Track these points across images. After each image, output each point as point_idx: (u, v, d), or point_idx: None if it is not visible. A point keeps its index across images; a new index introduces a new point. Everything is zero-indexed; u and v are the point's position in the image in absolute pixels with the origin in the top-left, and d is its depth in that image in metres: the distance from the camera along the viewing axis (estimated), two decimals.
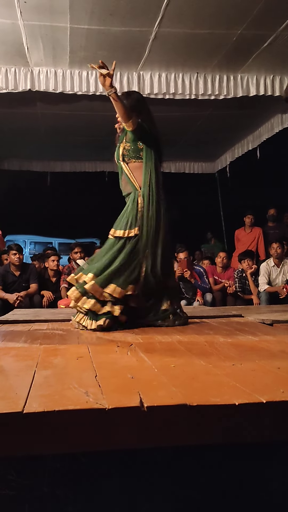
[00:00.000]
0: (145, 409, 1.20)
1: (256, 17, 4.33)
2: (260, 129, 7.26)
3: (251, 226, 7.18)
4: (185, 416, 1.22)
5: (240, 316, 3.58)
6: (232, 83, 5.45)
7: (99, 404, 1.21)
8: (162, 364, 1.76)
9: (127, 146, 3.07)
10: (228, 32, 4.63)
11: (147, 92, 5.31)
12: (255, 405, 1.24)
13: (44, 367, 1.72)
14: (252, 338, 2.48)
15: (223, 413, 1.24)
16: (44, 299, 5.38)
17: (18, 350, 2.19)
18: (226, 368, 1.69)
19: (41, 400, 1.25)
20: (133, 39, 4.70)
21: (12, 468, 1.21)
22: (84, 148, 7.51)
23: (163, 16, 4.28)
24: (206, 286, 5.58)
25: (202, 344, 2.26)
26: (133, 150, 3.06)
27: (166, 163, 9.13)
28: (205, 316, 3.57)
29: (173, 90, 5.35)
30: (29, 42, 4.69)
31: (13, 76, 5.12)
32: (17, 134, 7.09)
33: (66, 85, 5.20)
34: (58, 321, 3.43)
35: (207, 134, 7.44)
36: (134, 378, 1.53)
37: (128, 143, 3.07)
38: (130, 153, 3.07)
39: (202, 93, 5.41)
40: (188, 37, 4.70)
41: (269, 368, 1.68)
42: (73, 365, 1.81)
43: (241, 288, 5.73)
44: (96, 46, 4.78)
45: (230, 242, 8.82)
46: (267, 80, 5.47)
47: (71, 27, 4.44)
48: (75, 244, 6.24)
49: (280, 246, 5.59)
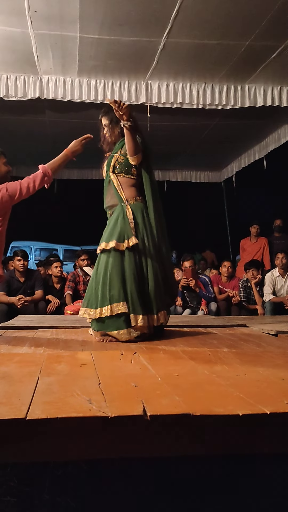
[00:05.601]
0: (148, 418, 1.19)
1: (265, 28, 4.36)
2: (267, 139, 7.27)
3: (256, 236, 7.17)
4: (188, 425, 1.22)
5: (244, 326, 3.57)
6: (239, 94, 5.47)
7: (102, 412, 1.20)
8: (165, 373, 1.76)
9: (120, 159, 2.98)
10: (236, 43, 4.66)
11: (155, 101, 5.35)
12: (259, 416, 1.23)
13: (47, 374, 1.72)
14: (256, 348, 2.47)
15: (226, 423, 1.23)
16: (50, 305, 5.38)
17: (22, 356, 2.19)
18: (230, 378, 1.68)
19: (44, 407, 1.25)
20: (142, 49, 4.74)
21: (14, 475, 1.21)
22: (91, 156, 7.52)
23: (172, 26, 4.32)
24: (210, 295, 5.56)
25: (206, 354, 2.25)
26: (126, 164, 2.96)
27: (173, 171, 9.19)
28: (209, 325, 3.56)
29: (181, 99, 5.37)
30: (39, 50, 4.74)
31: (22, 84, 5.17)
32: (26, 141, 7.15)
33: (75, 93, 5.24)
34: (62, 328, 3.43)
35: (214, 144, 7.47)
36: (137, 386, 1.52)
37: (123, 157, 2.98)
38: (122, 167, 2.97)
39: (209, 103, 5.43)
40: (196, 48, 4.73)
41: (273, 379, 1.67)
42: (77, 372, 1.81)
43: (245, 298, 5.71)
44: (105, 55, 4.83)
45: (235, 251, 8.82)
46: (274, 90, 5.49)
47: (80, 36, 4.49)
48: (81, 251, 6.22)
49: (285, 256, 5.58)
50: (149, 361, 2.03)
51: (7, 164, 2.89)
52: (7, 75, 5.15)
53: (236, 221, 9.44)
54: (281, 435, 1.25)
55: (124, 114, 2.76)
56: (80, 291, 5.61)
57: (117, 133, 3.05)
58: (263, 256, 7.01)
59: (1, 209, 2.75)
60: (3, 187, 2.74)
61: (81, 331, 3.21)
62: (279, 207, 8.83)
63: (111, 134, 3.09)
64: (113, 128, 3.06)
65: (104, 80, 5.28)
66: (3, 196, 2.71)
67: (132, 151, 2.87)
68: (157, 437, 1.21)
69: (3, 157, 2.90)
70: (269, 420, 1.23)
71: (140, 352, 2.28)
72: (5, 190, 2.72)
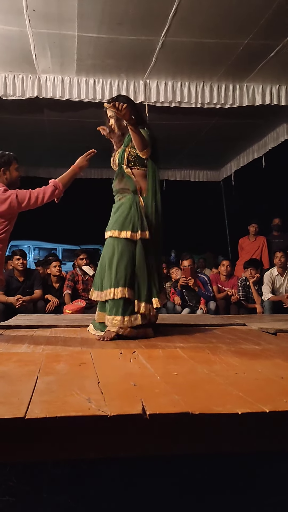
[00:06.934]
0: (148, 416, 1.19)
1: (263, 27, 4.36)
2: (266, 138, 7.27)
3: (255, 235, 7.17)
4: (187, 424, 1.22)
5: (243, 325, 3.57)
6: (238, 93, 5.46)
7: (101, 411, 1.20)
8: (164, 372, 1.76)
9: (132, 152, 3.01)
10: (234, 42, 4.65)
11: (153, 100, 5.34)
12: (258, 414, 1.23)
13: (46, 373, 1.72)
14: (255, 347, 2.47)
15: (225, 422, 1.23)
16: (49, 304, 5.38)
17: (21, 355, 2.19)
18: (229, 377, 1.68)
19: (43, 406, 1.25)
20: (140, 48, 4.73)
21: (12, 474, 1.21)
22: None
23: (170, 25, 4.31)
24: (210, 294, 5.56)
25: (205, 353, 2.25)
26: (138, 157, 3.01)
27: (172, 171, 9.18)
28: (208, 324, 3.56)
29: (179, 98, 5.37)
30: (37, 49, 4.73)
31: (20, 83, 5.16)
32: (24, 140, 7.14)
33: (73, 92, 5.23)
34: (61, 327, 3.42)
35: (213, 143, 7.46)
36: (136, 385, 1.52)
37: (134, 149, 3.01)
38: (135, 160, 3.02)
39: (208, 102, 5.42)
40: (194, 46, 4.73)
41: (273, 378, 1.67)
42: (76, 371, 1.80)
43: (244, 297, 5.71)
44: (104, 54, 4.82)
45: (234, 250, 8.82)
46: (273, 89, 5.49)
47: (79, 35, 4.48)
48: (80, 250, 6.22)
49: (284, 255, 5.58)
50: (148, 360, 2.03)
51: (19, 169, 2.94)
52: (5, 74, 5.13)
53: (234, 220, 9.45)
54: (280, 433, 1.25)
55: (124, 115, 2.78)
56: (79, 290, 5.61)
57: (124, 125, 3.03)
58: (262, 255, 7.01)
59: (9, 214, 2.81)
60: (13, 193, 2.78)
61: (80, 330, 3.20)
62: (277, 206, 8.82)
63: (118, 126, 3.09)
64: (119, 120, 3.05)
65: (102, 79, 5.27)
66: (12, 201, 2.75)
67: (140, 147, 2.93)
68: (156, 436, 1.21)
69: (15, 163, 2.94)
70: (269, 418, 1.23)
71: (139, 351, 2.28)
72: (14, 196, 2.77)
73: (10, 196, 2.76)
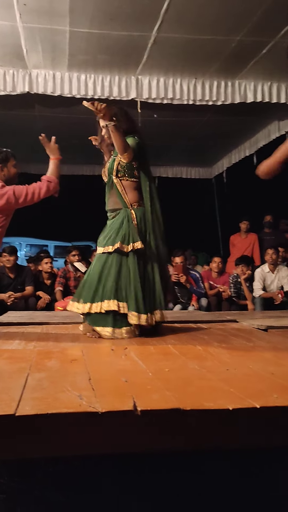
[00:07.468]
0: (139, 413, 1.19)
1: (256, 24, 4.36)
2: (257, 136, 7.28)
3: (246, 232, 7.19)
4: (178, 420, 1.22)
5: (235, 321, 3.58)
6: (230, 89, 5.46)
7: (93, 408, 1.20)
8: (156, 368, 1.76)
9: (122, 162, 2.92)
10: (227, 38, 4.65)
11: (145, 96, 5.32)
12: (248, 410, 1.24)
13: (37, 370, 1.72)
14: (246, 343, 2.48)
15: (216, 418, 1.23)
16: (40, 301, 5.36)
17: (12, 352, 2.18)
18: (220, 373, 1.68)
19: (34, 402, 1.24)
20: (132, 44, 4.71)
21: (3, 471, 1.20)
22: (81, 151, 7.51)
23: (163, 21, 4.29)
24: (201, 291, 5.57)
25: (197, 349, 2.25)
26: (128, 167, 2.93)
27: (164, 167, 9.17)
28: (200, 321, 3.57)
29: (171, 95, 5.36)
30: (28, 44, 4.69)
31: (11, 78, 5.11)
32: (15, 136, 7.07)
33: (65, 88, 5.20)
34: (53, 324, 3.41)
35: (205, 140, 7.46)
36: (128, 381, 1.52)
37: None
38: (125, 170, 2.93)
39: (200, 99, 5.42)
40: (187, 43, 4.72)
41: (263, 374, 1.68)
42: (67, 368, 1.80)
43: (236, 294, 5.73)
44: (95, 49, 4.79)
45: (225, 247, 8.84)
46: (264, 86, 5.50)
47: (70, 30, 4.45)
48: (72, 247, 6.19)
49: (275, 252, 5.60)
50: (139, 356, 2.03)
51: (16, 166, 2.94)
52: None
53: (226, 217, 9.46)
54: (271, 429, 1.26)
55: (104, 115, 2.74)
56: (70, 287, 5.59)
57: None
58: (253, 252, 7.04)
59: (6, 210, 2.82)
60: (11, 189, 2.79)
61: (71, 327, 3.20)
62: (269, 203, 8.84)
63: (109, 136, 2.97)
64: None
65: (94, 74, 5.24)
66: (9, 197, 2.77)
67: (120, 149, 2.83)
68: (148, 432, 1.21)
69: (13, 159, 2.95)
70: (259, 414, 1.24)
71: (130, 348, 2.28)
72: (12, 192, 2.78)
73: (7, 192, 2.77)
